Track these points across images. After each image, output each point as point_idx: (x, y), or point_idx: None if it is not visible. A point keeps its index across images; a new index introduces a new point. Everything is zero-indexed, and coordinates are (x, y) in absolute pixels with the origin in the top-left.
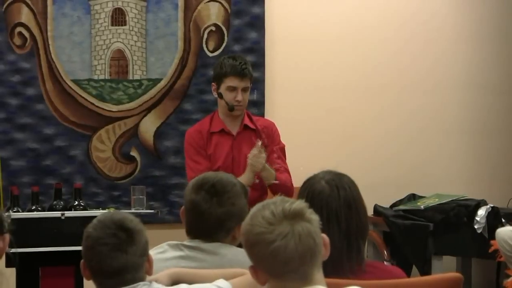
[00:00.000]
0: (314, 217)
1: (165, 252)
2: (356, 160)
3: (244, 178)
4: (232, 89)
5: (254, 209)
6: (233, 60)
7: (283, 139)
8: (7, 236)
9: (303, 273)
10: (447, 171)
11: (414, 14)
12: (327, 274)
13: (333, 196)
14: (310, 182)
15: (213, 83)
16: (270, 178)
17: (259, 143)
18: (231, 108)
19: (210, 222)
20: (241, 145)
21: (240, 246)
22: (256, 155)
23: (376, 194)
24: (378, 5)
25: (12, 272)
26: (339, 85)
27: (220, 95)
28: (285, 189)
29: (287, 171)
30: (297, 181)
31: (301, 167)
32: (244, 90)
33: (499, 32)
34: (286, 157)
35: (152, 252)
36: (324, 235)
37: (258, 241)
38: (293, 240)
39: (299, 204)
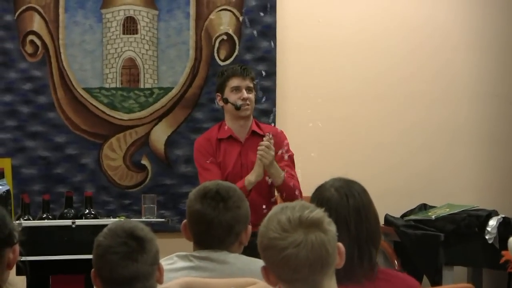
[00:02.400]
0: (332, 228)
1: (175, 263)
2: (366, 169)
3: (254, 172)
4: (236, 89)
5: (273, 211)
6: (232, 65)
7: (293, 148)
8: (17, 247)
9: (313, 282)
10: (457, 181)
11: (422, 22)
12: (339, 280)
13: (342, 203)
14: (320, 190)
15: (217, 94)
16: (278, 176)
17: (269, 136)
18: (238, 107)
19: (220, 229)
20: (249, 151)
21: (245, 251)
22: (267, 145)
23: (387, 203)
24: (388, 14)
25: (22, 280)
26: (351, 94)
27: (226, 101)
28: (292, 193)
29: (295, 178)
30: (307, 190)
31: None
32: (248, 90)
33: (506, 40)
34: (295, 165)
35: (162, 263)
36: (340, 244)
37: (271, 245)
38: (305, 249)
39: (318, 213)
